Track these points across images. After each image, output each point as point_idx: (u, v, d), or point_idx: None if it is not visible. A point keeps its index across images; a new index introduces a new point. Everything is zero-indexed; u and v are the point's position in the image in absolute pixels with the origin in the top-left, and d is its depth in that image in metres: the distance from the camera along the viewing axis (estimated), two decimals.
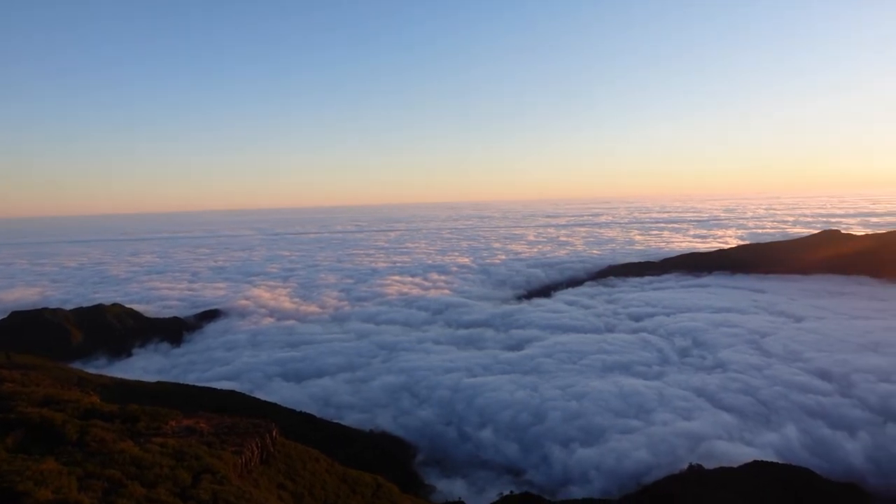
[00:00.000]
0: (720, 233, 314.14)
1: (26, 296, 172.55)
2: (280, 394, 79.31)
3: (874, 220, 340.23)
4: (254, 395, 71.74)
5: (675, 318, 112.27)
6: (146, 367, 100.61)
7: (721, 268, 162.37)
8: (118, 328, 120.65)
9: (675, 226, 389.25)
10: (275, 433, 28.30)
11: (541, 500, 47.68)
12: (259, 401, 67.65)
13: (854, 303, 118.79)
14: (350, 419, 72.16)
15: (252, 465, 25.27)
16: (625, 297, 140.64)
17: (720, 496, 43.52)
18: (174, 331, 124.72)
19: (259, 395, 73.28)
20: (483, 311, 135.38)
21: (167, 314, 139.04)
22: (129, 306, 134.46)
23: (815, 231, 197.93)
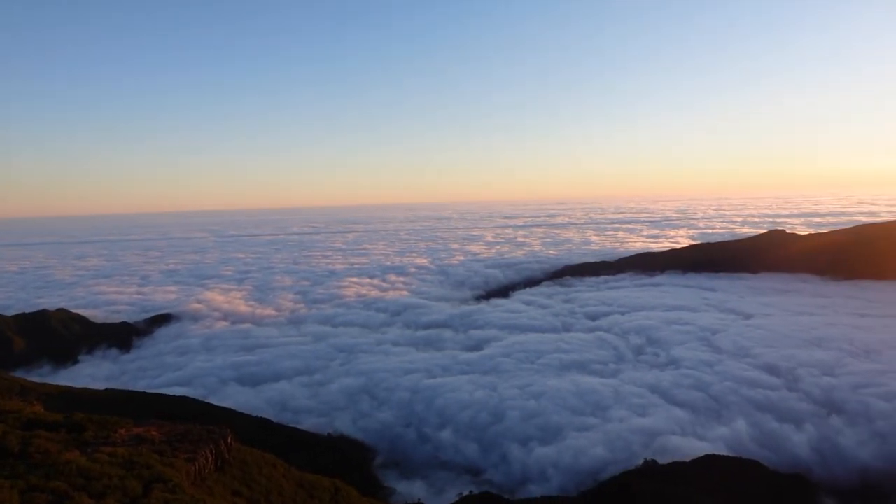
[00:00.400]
0: (672, 233, 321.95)
1: None
2: (235, 399, 77.73)
3: (817, 220, 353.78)
4: (208, 401, 70.08)
5: (629, 316, 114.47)
6: (94, 374, 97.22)
7: (673, 267, 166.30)
8: (63, 334, 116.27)
9: (630, 226, 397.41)
10: (229, 439, 27.67)
11: (500, 499, 47.97)
12: (213, 406, 66.18)
13: (799, 300, 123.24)
14: (308, 423, 71.24)
15: (206, 472, 24.64)
16: (581, 296, 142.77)
17: (673, 490, 44.54)
18: (123, 336, 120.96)
19: (213, 401, 71.66)
20: (442, 311, 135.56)
21: (116, 319, 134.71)
22: (74, 311, 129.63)
23: (762, 231, 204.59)
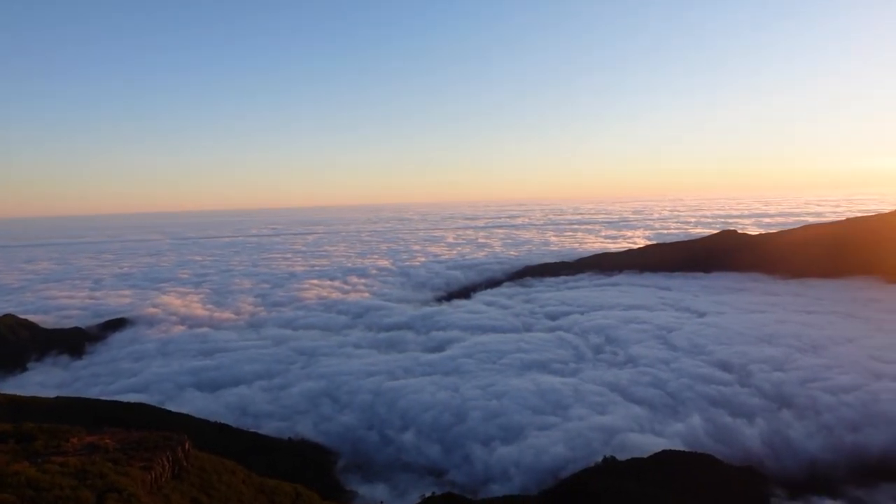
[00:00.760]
0: (629, 233, 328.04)
1: None
2: (193, 404, 76.21)
3: (766, 220, 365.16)
4: (164, 407, 68.60)
5: (588, 316, 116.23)
6: (44, 381, 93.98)
7: (630, 267, 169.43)
8: (11, 340, 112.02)
9: (588, 227, 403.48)
10: (187, 446, 27.22)
11: (462, 499, 48.23)
12: (170, 413, 64.79)
13: (750, 298, 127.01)
14: (268, 427, 70.33)
15: (163, 480, 24.20)
16: (541, 296, 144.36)
17: (632, 485, 45.51)
18: (75, 342, 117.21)
19: (170, 407, 70.18)
20: (403, 313, 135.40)
21: (67, 325, 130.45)
22: (23, 317, 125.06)
23: (715, 231, 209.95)
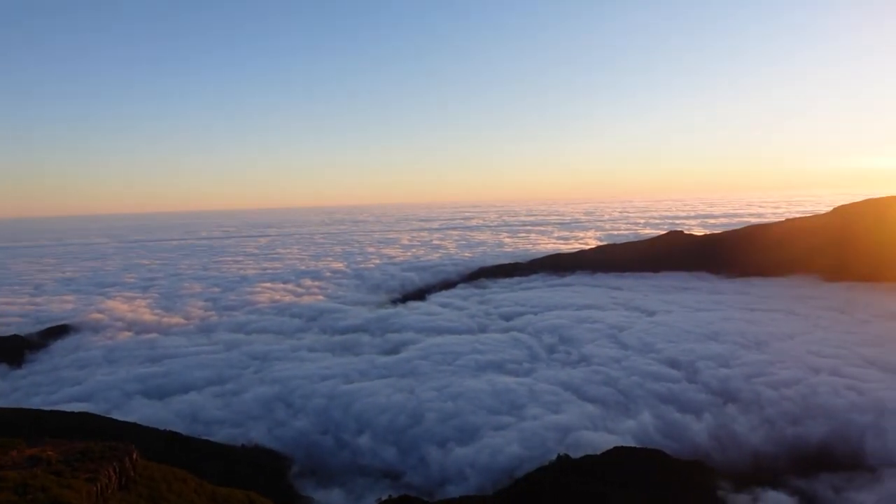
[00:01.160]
0: (581, 234, 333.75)
1: None
2: (141, 412, 73.94)
3: (711, 221, 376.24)
4: (111, 416, 66.42)
5: (542, 316, 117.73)
6: None
7: (582, 267, 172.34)
8: None
9: (541, 228, 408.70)
10: (135, 455, 26.46)
11: (419, 501, 48.27)
12: (117, 421, 62.84)
13: (697, 297, 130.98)
14: (221, 434, 68.84)
15: (109, 492, 23.47)
16: (496, 297, 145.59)
17: (584, 482, 46.38)
18: (14, 350, 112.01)
19: (117, 416, 68.00)
20: (358, 315, 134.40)
21: (5, 332, 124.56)
22: None
23: (663, 232, 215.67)
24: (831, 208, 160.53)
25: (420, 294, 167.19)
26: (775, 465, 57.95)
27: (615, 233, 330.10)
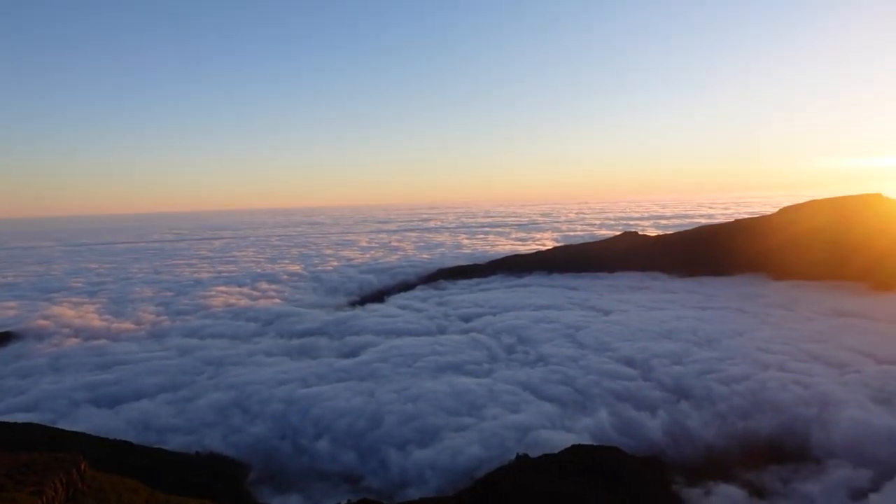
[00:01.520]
0: (538, 235, 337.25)
1: None
2: (90, 422, 71.49)
3: (664, 222, 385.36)
4: (57, 426, 64.00)
5: (501, 317, 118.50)
6: None
7: (540, 268, 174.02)
8: None
9: (499, 230, 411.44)
10: (83, 466, 25.60)
11: None
12: (64, 432, 60.65)
13: (651, 296, 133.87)
14: (174, 443, 67.13)
15: None
16: (454, 299, 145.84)
17: (543, 480, 46.90)
18: None
19: (64, 426, 65.56)
20: (316, 319, 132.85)
21: None
22: None
23: (617, 233, 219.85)
24: (777, 209, 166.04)
25: (379, 296, 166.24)
26: (726, 458, 59.63)
27: (571, 234, 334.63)
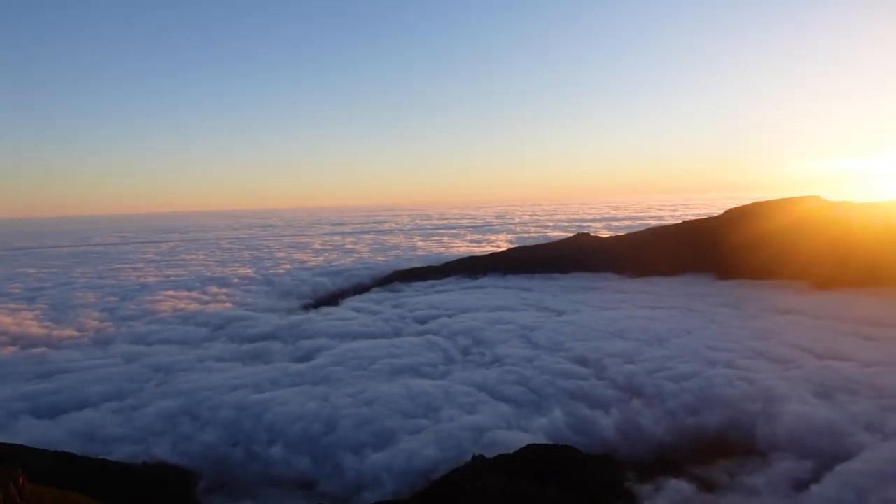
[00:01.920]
0: (493, 237, 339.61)
1: None
2: (29, 433, 68.22)
3: (615, 223, 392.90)
4: None
5: (456, 318, 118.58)
6: None
7: (494, 270, 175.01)
8: None
9: (454, 231, 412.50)
10: (21, 480, 24.41)
11: None
12: (1, 444, 57.75)
13: (603, 296, 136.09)
14: (120, 453, 64.67)
15: None
16: (410, 301, 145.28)
17: (498, 480, 47.08)
18: None
19: (1, 438, 62.43)
20: (269, 323, 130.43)
21: None
22: None
23: (570, 234, 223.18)
24: (723, 211, 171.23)
25: (333, 299, 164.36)
26: (676, 454, 61.05)
27: (526, 235, 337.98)
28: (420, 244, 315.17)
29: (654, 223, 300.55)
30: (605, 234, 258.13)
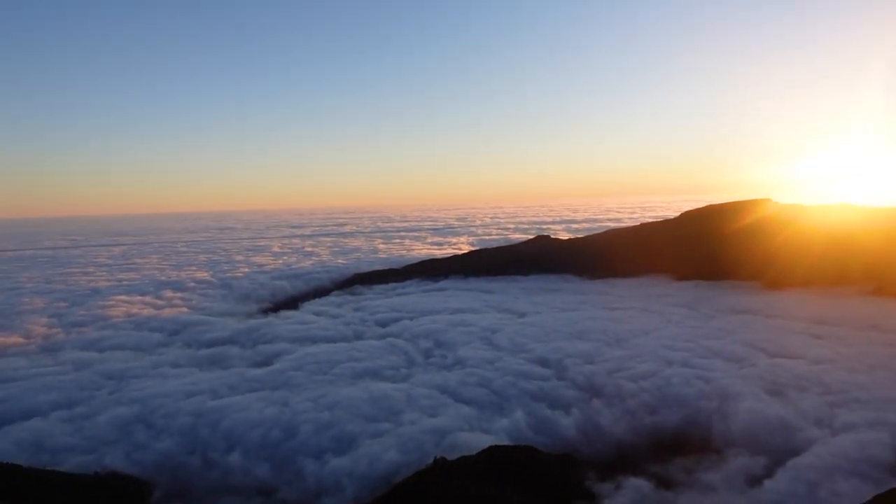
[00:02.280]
0: (454, 240, 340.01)
1: None
2: None
3: (575, 226, 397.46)
4: None
5: (418, 321, 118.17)
6: None
7: (456, 272, 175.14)
8: None
9: (415, 234, 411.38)
10: None
11: None
12: None
13: (563, 298, 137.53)
14: (70, 463, 62.30)
15: None
16: (371, 304, 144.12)
17: (460, 482, 47.07)
18: None
19: None
20: (226, 327, 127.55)
21: None
22: None
23: (531, 236, 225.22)
24: (679, 213, 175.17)
25: (292, 303, 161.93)
26: (635, 453, 62.02)
27: (487, 237, 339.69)
28: (381, 246, 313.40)
29: (612, 225, 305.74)
30: (564, 236, 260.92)
